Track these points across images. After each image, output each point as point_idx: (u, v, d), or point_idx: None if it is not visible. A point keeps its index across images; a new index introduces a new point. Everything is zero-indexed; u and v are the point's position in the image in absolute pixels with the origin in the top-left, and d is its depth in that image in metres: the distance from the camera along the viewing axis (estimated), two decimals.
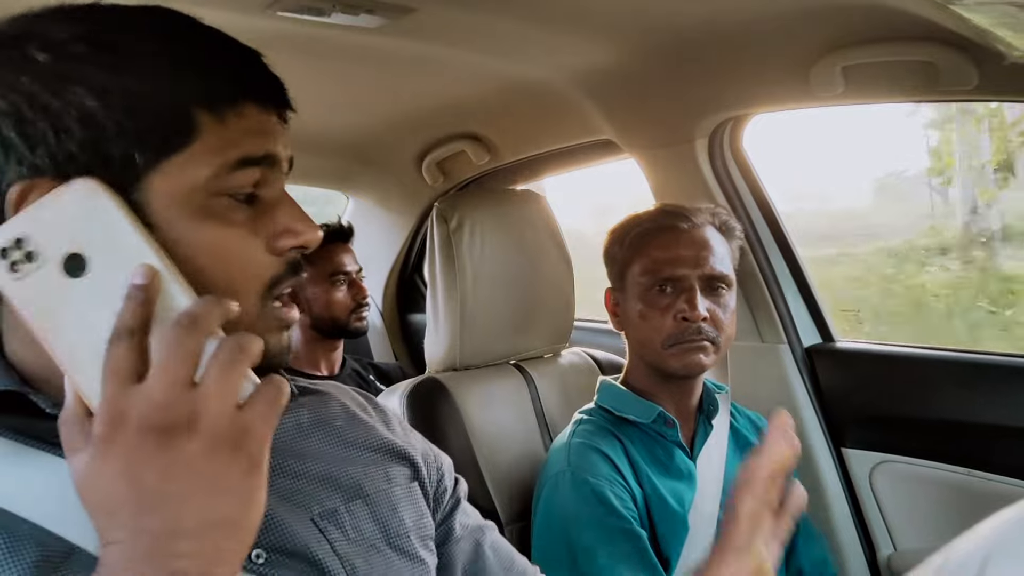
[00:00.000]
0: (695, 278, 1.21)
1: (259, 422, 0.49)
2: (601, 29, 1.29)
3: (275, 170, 0.60)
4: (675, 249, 1.23)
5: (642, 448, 1.23)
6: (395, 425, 0.81)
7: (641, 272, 1.25)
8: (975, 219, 2.24)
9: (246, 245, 0.58)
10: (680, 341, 1.21)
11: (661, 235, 1.25)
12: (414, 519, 0.73)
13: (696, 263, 1.22)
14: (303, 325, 2.00)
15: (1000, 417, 1.32)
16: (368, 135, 2.04)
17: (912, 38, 1.10)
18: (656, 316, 1.22)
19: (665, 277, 1.22)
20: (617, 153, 1.77)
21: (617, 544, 1.12)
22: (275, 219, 0.60)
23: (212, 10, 0.70)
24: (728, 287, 1.25)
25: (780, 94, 1.35)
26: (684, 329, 1.20)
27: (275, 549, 0.62)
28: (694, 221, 1.26)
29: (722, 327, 1.23)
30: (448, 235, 1.41)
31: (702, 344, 1.21)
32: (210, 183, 0.56)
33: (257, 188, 0.59)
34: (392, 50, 1.36)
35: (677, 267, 1.22)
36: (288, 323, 0.61)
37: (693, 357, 1.21)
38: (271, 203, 0.60)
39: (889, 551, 1.48)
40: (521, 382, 1.47)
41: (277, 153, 0.60)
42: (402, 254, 2.51)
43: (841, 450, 1.52)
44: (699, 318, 1.19)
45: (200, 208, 0.56)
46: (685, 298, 1.21)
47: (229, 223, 0.57)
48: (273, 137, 0.60)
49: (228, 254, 0.57)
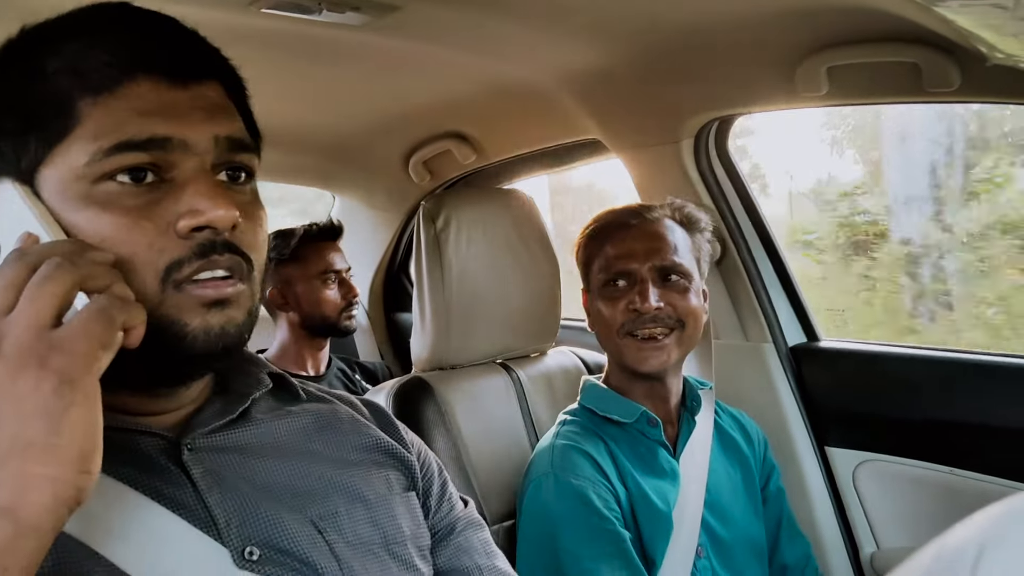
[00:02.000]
0: (646, 271, 1.23)
1: (72, 338, 0.48)
2: (587, 29, 1.29)
3: (176, 151, 0.58)
4: (626, 244, 1.25)
5: (626, 447, 1.24)
6: (398, 432, 0.81)
7: (599, 269, 1.28)
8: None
9: (135, 229, 0.57)
10: (632, 331, 1.22)
11: (615, 232, 1.28)
12: (412, 528, 0.73)
13: (646, 256, 1.24)
14: (292, 323, 1.99)
15: (983, 416, 1.34)
16: (354, 134, 2.04)
17: (896, 40, 1.11)
18: (608, 308, 1.25)
19: (617, 271, 1.25)
20: (603, 153, 1.77)
21: (601, 545, 1.12)
22: (180, 200, 0.58)
23: (194, 7, 0.70)
24: (684, 276, 1.25)
25: (765, 95, 1.36)
26: (636, 318, 1.22)
27: (269, 546, 0.62)
28: (647, 216, 1.28)
29: (684, 312, 1.23)
30: (434, 234, 1.41)
31: (654, 333, 1.21)
32: (88, 170, 0.57)
33: (162, 171, 0.58)
34: (378, 48, 1.36)
35: (628, 261, 1.24)
36: (211, 301, 0.59)
37: (646, 355, 1.22)
38: (180, 184, 0.59)
39: (872, 549, 1.49)
40: (508, 381, 1.47)
41: (172, 136, 0.58)
42: (388, 253, 2.51)
43: (825, 449, 1.53)
44: (650, 310, 1.21)
45: (84, 195, 0.57)
46: (637, 290, 1.22)
47: (113, 208, 0.57)
48: (170, 117, 0.58)
49: (113, 239, 0.57)
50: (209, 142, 0.60)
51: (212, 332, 0.59)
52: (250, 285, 0.62)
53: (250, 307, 0.63)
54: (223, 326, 0.60)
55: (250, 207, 0.64)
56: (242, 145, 0.63)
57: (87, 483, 0.48)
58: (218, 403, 0.69)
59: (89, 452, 0.48)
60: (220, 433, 0.67)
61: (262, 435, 0.70)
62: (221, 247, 0.59)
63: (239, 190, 0.64)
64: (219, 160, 0.61)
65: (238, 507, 0.63)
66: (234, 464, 0.66)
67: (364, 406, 0.82)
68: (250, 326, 0.64)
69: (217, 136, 0.60)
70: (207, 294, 0.59)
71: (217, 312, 0.60)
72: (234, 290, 0.60)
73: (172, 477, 0.62)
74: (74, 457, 0.48)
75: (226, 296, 0.60)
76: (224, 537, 0.61)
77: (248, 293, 0.62)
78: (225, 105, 0.63)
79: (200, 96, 0.61)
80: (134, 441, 0.63)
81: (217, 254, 0.59)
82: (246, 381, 0.72)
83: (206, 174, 0.60)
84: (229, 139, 0.61)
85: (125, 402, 0.63)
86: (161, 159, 0.58)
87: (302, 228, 2.00)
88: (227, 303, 0.60)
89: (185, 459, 0.63)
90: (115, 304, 0.51)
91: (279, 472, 0.68)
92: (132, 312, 0.53)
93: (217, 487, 0.63)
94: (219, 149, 0.61)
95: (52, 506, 0.47)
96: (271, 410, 0.73)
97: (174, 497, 0.61)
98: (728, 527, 1.25)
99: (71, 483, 0.47)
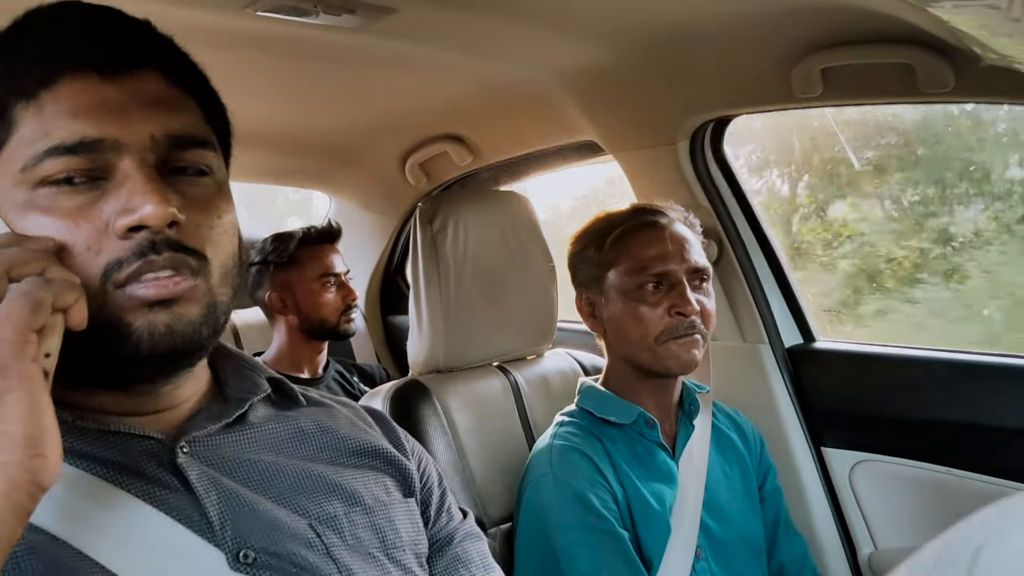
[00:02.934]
0: (683, 272, 1.23)
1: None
2: (583, 30, 1.29)
3: (110, 152, 0.57)
4: (660, 245, 1.24)
5: (623, 449, 1.24)
6: (399, 438, 0.80)
7: (627, 272, 1.25)
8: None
9: (74, 231, 0.57)
10: (675, 336, 1.22)
11: (642, 233, 1.26)
12: (411, 535, 0.73)
13: (681, 258, 1.23)
14: (290, 326, 1.99)
15: (979, 416, 1.34)
16: (350, 136, 2.04)
17: (891, 40, 1.12)
18: (649, 312, 1.22)
19: (654, 273, 1.23)
20: (599, 154, 1.77)
21: (599, 546, 1.12)
22: (117, 199, 0.57)
23: (190, 9, 0.70)
24: (709, 279, 1.27)
25: (761, 96, 1.36)
26: (679, 323, 1.21)
27: (265, 549, 0.62)
28: (670, 217, 1.28)
29: (709, 319, 1.25)
30: (431, 236, 1.41)
31: (695, 338, 1.22)
32: (24, 176, 0.57)
33: (100, 171, 0.58)
34: (374, 51, 1.36)
35: (666, 263, 1.23)
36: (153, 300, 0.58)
37: (689, 354, 1.22)
38: (119, 182, 0.58)
39: (869, 550, 1.49)
40: (504, 383, 1.47)
41: (102, 137, 0.57)
42: (385, 255, 2.50)
43: (821, 449, 1.53)
44: (694, 311, 1.21)
45: (26, 201, 0.57)
46: (677, 292, 1.21)
47: (52, 211, 0.57)
48: (102, 116, 0.57)
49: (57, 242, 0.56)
50: (145, 140, 0.58)
51: (157, 331, 0.58)
52: (205, 280, 0.61)
53: (207, 302, 0.61)
54: (169, 324, 0.58)
55: (209, 199, 0.62)
56: (190, 141, 0.61)
57: (42, 466, 0.48)
58: (215, 407, 0.69)
59: (35, 435, 0.48)
60: (216, 437, 0.67)
61: (259, 439, 0.69)
62: (161, 245, 0.57)
63: (193, 183, 0.62)
64: (163, 158, 0.60)
65: (233, 509, 0.62)
66: (230, 467, 0.65)
67: (366, 412, 0.82)
68: (211, 322, 0.62)
69: (154, 135, 0.59)
70: (148, 293, 0.58)
71: (162, 311, 0.58)
72: (180, 288, 0.58)
73: (165, 480, 0.62)
74: (19, 441, 0.47)
75: (170, 295, 0.58)
76: (219, 540, 0.60)
77: (203, 288, 0.60)
78: (167, 98, 0.61)
79: (136, 90, 0.59)
80: (126, 444, 0.62)
81: (156, 253, 0.57)
82: (244, 386, 0.72)
83: (144, 169, 0.58)
84: (169, 136, 0.60)
85: (103, 402, 0.63)
86: (94, 160, 0.57)
87: (300, 231, 2.00)
88: (174, 301, 0.59)
89: (180, 462, 0.62)
90: (40, 286, 0.50)
91: (276, 475, 0.67)
92: (62, 291, 0.52)
93: (213, 489, 0.62)
94: (159, 147, 0.59)
95: (6, 491, 0.47)
96: (269, 415, 0.73)
97: (167, 500, 0.61)
98: (726, 528, 1.25)
99: (23, 466, 0.47)
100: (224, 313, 0.63)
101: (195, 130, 0.62)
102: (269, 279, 1.98)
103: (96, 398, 0.63)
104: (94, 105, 0.57)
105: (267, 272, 1.98)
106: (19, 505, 0.47)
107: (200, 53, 0.67)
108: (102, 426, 0.62)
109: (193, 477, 0.62)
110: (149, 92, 0.60)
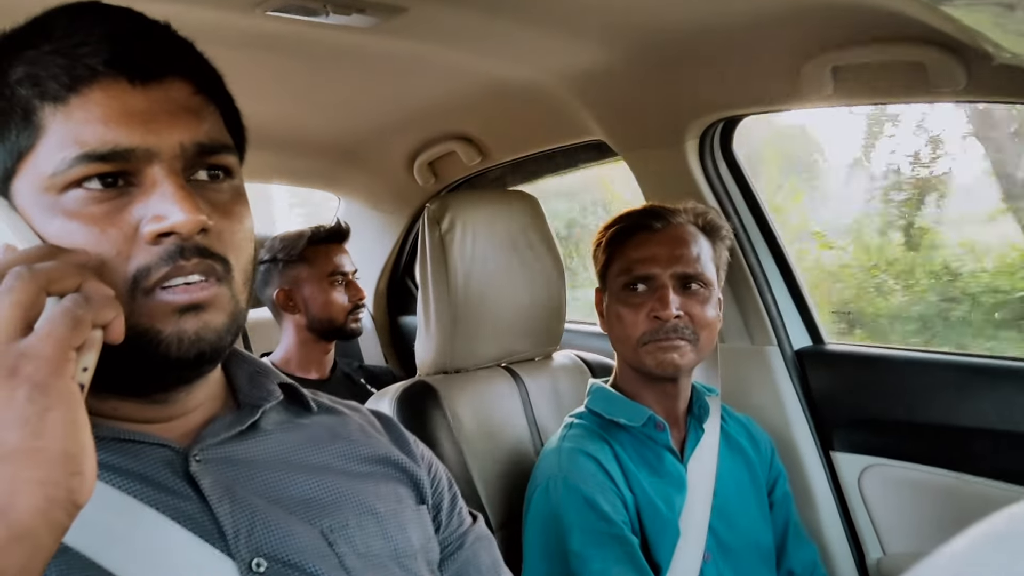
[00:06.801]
0: (667, 276, 1.22)
1: (38, 344, 0.48)
2: (592, 31, 1.29)
3: (141, 160, 0.58)
4: (648, 248, 1.24)
5: (632, 452, 1.23)
6: (408, 445, 0.80)
7: (618, 272, 1.26)
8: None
9: (102, 236, 0.57)
10: (654, 339, 1.21)
11: (636, 234, 1.26)
12: (422, 542, 0.73)
13: (669, 262, 1.22)
14: (298, 326, 1.99)
15: (989, 420, 1.33)
16: (359, 136, 2.04)
17: (902, 39, 1.11)
18: (630, 314, 1.23)
19: (638, 276, 1.23)
20: (608, 155, 1.77)
21: (608, 550, 1.12)
22: (147, 205, 0.57)
23: (200, 9, 0.70)
24: (704, 285, 1.24)
25: (771, 95, 1.35)
26: (658, 327, 1.21)
27: (277, 558, 0.62)
28: (671, 220, 1.26)
29: (701, 324, 1.22)
30: (439, 236, 1.41)
31: (675, 343, 1.21)
32: (53, 180, 0.57)
33: (129, 176, 0.58)
34: (383, 50, 1.36)
35: (649, 266, 1.22)
36: (183, 306, 0.58)
37: (666, 356, 1.21)
38: (147, 187, 0.58)
39: (878, 555, 1.48)
40: (512, 385, 1.47)
41: (135, 147, 0.57)
42: (393, 256, 2.51)
43: (830, 453, 1.52)
44: (670, 317, 1.19)
45: (53, 204, 0.57)
46: (657, 296, 1.21)
47: (81, 216, 0.57)
48: (133, 124, 0.57)
49: (83, 247, 0.56)
50: (175, 148, 0.59)
51: (186, 338, 0.58)
52: (229, 287, 0.61)
53: (231, 310, 0.61)
54: (198, 331, 0.59)
55: (230, 205, 0.63)
56: (213, 148, 0.62)
57: (80, 484, 0.48)
58: (228, 415, 0.69)
59: (75, 453, 0.48)
60: (229, 445, 0.67)
61: (272, 447, 0.69)
62: (190, 252, 0.58)
63: (216, 188, 0.62)
64: (189, 164, 0.60)
65: (246, 518, 0.62)
66: (243, 476, 0.65)
67: (376, 418, 0.82)
68: (234, 329, 0.62)
69: (183, 143, 0.59)
70: (178, 299, 0.58)
71: (191, 317, 0.59)
72: (209, 293, 0.59)
73: (178, 489, 0.62)
74: (59, 459, 0.47)
75: (200, 300, 0.59)
76: (232, 549, 0.60)
77: (227, 295, 0.61)
78: (193, 106, 0.61)
79: (164, 98, 0.59)
80: (139, 452, 0.62)
81: (184, 259, 0.58)
82: (257, 393, 0.72)
83: (173, 177, 0.58)
84: (196, 144, 0.60)
85: (117, 408, 0.63)
86: (125, 168, 0.57)
87: (309, 230, 2.00)
88: (202, 307, 0.59)
89: (193, 471, 0.62)
90: (80, 304, 0.50)
91: (289, 484, 0.67)
92: (102, 308, 0.51)
93: (226, 498, 0.62)
94: (187, 155, 0.59)
95: (44, 508, 0.46)
96: (281, 422, 0.72)
97: (180, 509, 0.60)
98: (735, 533, 1.24)
99: (61, 484, 0.47)
100: (244, 318, 0.64)
101: (219, 137, 0.63)
102: (278, 277, 1.98)
103: (110, 403, 0.62)
104: (125, 113, 0.57)
105: (275, 270, 1.99)
106: (56, 522, 0.47)
107: (209, 53, 0.67)
108: (116, 434, 0.62)
109: (206, 486, 0.62)
110: (176, 100, 0.60)
